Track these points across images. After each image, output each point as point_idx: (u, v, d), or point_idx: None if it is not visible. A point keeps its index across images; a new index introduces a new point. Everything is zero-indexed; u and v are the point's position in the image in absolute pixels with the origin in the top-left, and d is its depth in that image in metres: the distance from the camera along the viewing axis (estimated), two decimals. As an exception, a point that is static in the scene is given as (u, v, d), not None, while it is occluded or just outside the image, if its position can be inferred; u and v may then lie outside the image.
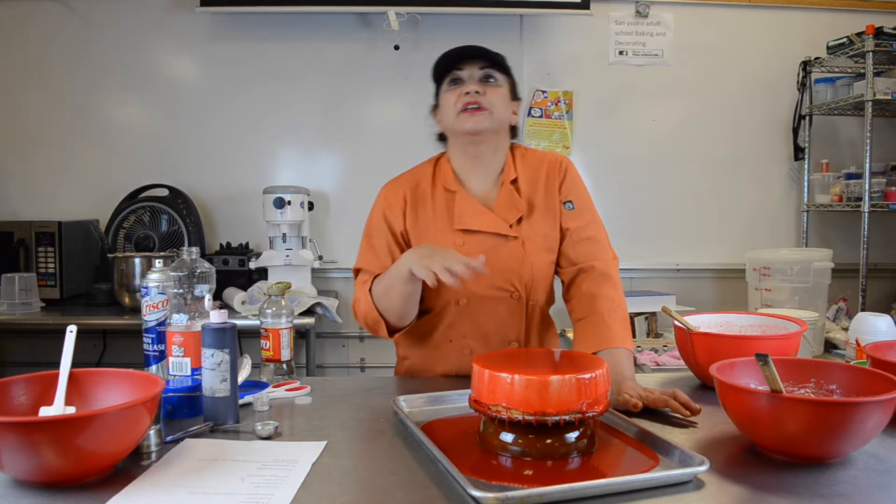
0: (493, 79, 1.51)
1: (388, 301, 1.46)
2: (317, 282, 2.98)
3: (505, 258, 1.50)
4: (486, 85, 1.49)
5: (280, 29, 3.09)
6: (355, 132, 3.15)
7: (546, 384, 1.00)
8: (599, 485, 0.90)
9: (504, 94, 1.52)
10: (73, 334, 1.10)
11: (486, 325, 1.53)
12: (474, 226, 1.51)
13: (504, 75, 1.53)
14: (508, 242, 1.51)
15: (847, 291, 3.00)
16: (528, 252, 1.52)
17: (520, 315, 1.54)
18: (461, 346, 1.55)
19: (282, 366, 1.49)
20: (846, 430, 0.96)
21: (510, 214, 1.52)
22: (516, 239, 1.52)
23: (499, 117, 1.50)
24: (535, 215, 1.55)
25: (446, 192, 1.56)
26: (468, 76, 1.50)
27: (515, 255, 1.51)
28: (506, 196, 1.54)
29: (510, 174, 1.56)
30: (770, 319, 1.55)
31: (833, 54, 2.97)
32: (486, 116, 1.47)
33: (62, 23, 3.04)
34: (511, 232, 1.51)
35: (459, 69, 1.50)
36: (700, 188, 3.23)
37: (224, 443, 1.09)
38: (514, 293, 1.52)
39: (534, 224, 1.54)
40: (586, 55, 3.15)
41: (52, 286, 2.72)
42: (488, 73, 1.50)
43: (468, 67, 1.50)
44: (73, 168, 3.09)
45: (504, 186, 1.55)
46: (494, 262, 1.44)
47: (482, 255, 1.30)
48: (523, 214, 1.53)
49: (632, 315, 2.69)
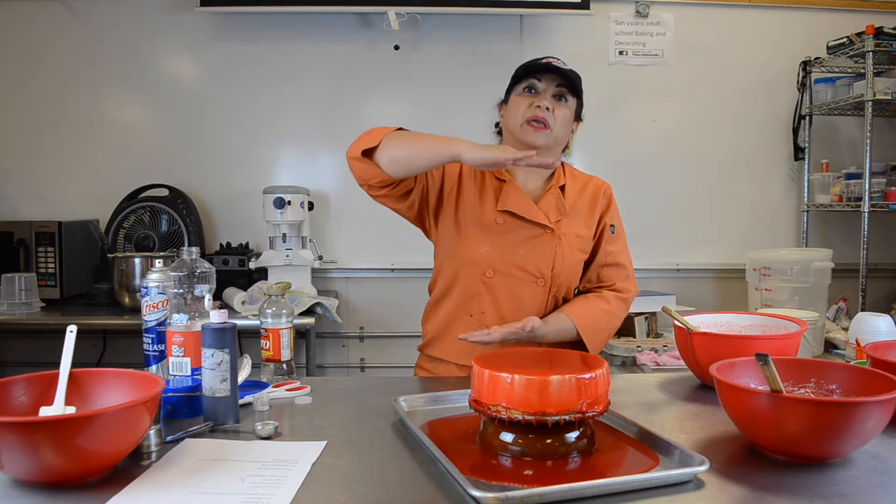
0: (564, 98, 1.58)
1: (401, 146, 1.45)
2: (317, 282, 2.98)
3: (539, 246, 1.57)
4: (557, 103, 1.56)
5: (280, 29, 3.09)
6: (355, 132, 3.07)
7: (546, 384, 1.00)
8: (599, 485, 0.90)
9: (569, 115, 1.60)
10: (73, 334, 1.10)
11: (505, 305, 1.57)
12: (517, 209, 1.57)
13: (574, 97, 1.60)
14: (545, 233, 1.58)
15: (847, 291, 3.00)
16: (563, 245, 1.59)
17: (541, 302, 1.59)
18: (478, 323, 1.57)
19: (282, 366, 1.49)
20: (846, 430, 0.96)
21: (552, 213, 1.60)
22: (553, 232, 1.58)
23: (557, 135, 1.57)
24: (574, 220, 1.63)
25: (497, 180, 1.62)
26: (543, 89, 1.57)
27: (549, 245, 1.58)
28: (553, 197, 1.62)
29: (560, 180, 1.65)
30: (770, 319, 1.55)
31: (833, 54, 2.97)
32: (547, 134, 1.56)
33: (62, 23, 3.05)
34: (550, 224, 1.58)
35: (538, 79, 1.57)
36: (700, 188, 3.23)
37: (224, 443, 1.09)
38: (540, 279, 1.58)
39: (572, 224, 1.62)
40: (586, 55, 3.15)
41: (52, 286, 2.72)
42: (562, 91, 1.57)
43: (546, 81, 1.57)
44: (73, 168, 3.09)
45: (552, 189, 1.63)
46: (528, 247, 1.56)
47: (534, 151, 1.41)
48: (565, 217, 1.61)
49: (632, 315, 2.69)
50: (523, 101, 1.56)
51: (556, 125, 1.55)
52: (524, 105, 1.56)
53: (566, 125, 1.59)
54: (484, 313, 1.57)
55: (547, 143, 1.56)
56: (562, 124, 1.57)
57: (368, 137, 1.48)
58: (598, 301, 1.64)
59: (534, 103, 1.55)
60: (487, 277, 1.56)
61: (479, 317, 1.58)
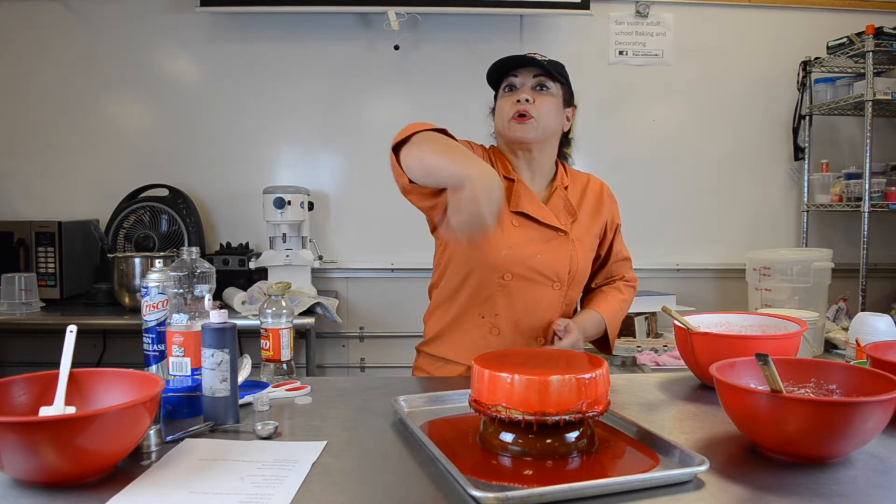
0: (545, 87, 1.56)
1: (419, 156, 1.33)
2: (317, 282, 2.98)
3: (555, 249, 1.57)
4: (538, 94, 1.55)
5: (280, 29, 3.09)
6: (355, 132, 3.15)
7: (546, 384, 1.00)
8: (599, 485, 0.90)
9: (556, 102, 1.57)
10: (73, 334, 1.10)
11: (520, 308, 1.56)
12: (531, 212, 1.56)
13: (558, 83, 1.57)
14: (559, 236, 1.58)
15: (847, 291, 3.00)
16: (577, 248, 1.59)
17: (555, 306, 1.59)
18: (491, 325, 1.56)
19: (282, 366, 1.49)
20: (846, 430, 0.96)
21: (563, 216, 1.60)
22: (567, 235, 1.58)
23: (545, 126, 1.55)
24: (583, 222, 1.63)
25: (506, 179, 1.59)
26: (521, 83, 1.56)
27: (564, 248, 1.58)
28: (560, 199, 1.61)
29: (563, 181, 1.64)
30: (770, 319, 1.55)
31: (833, 54, 2.97)
32: (532, 126, 1.53)
33: (62, 23, 3.05)
34: (563, 227, 1.58)
35: (514, 76, 1.56)
36: (700, 188, 3.23)
37: (224, 443, 1.09)
38: (556, 283, 1.57)
39: (582, 227, 1.62)
40: (586, 55, 3.15)
41: (52, 286, 2.73)
42: (541, 81, 1.56)
43: (522, 75, 1.56)
44: (73, 168, 3.09)
45: (558, 191, 1.62)
46: (545, 251, 1.55)
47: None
48: (575, 218, 1.61)
49: (632, 315, 2.69)
50: (506, 101, 1.56)
51: (542, 116, 1.53)
52: (507, 104, 1.55)
53: (554, 114, 1.56)
54: (497, 315, 1.56)
55: (536, 136, 1.54)
56: (547, 114, 1.54)
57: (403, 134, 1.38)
58: (616, 293, 1.71)
59: (514, 99, 1.54)
60: (505, 280, 1.54)
61: (491, 318, 1.56)
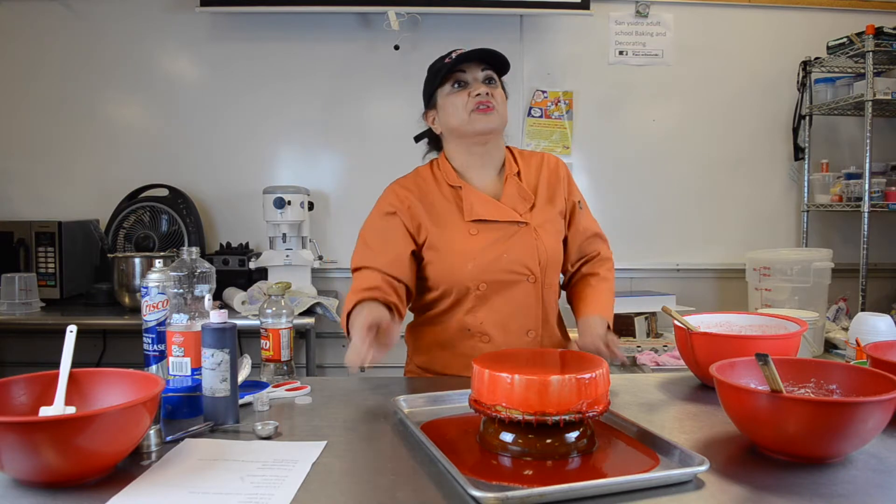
0: (493, 80, 1.58)
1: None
2: (317, 282, 2.98)
3: (519, 244, 1.55)
4: (490, 87, 1.56)
5: (280, 29, 3.09)
6: (355, 132, 3.15)
7: (546, 384, 1.00)
8: (599, 485, 0.90)
9: (503, 94, 1.60)
10: (73, 334, 1.10)
11: (504, 312, 1.55)
12: (486, 215, 1.55)
13: (499, 75, 1.60)
14: (521, 229, 1.56)
15: (847, 291, 3.00)
16: (541, 236, 1.57)
17: (537, 299, 1.57)
18: (479, 336, 1.55)
19: (282, 366, 1.49)
20: (846, 430, 0.96)
21: (520, 205, 1.58)
22: (527, 225, 1.57)
23: (503, 115, 1.57)
24: (540, 204, 1.61)
25: (451, 188, 1.60)
26: (472, 79, 1.55)
27: (528, 240, 1.56)
28: (513, 188, 1.60)
29: (513, 168, 1.63)
30: (770, 319, 1.55)
31: (833, 54, 2.97)
32: (495, 116, 1.55)
33: (62, 23, 3.04)
34: (522, 218, 1.56)
35: (462, 71, 1.55)
36: (700, 188, 3.23)
37: (224, 443, 1.09)
38: (531, 276, 1.56)
39: (541, 212, 1.60)
40: (586, 55, 3.15)
41: (52, 286, 2.72)
42: (489, 74, 1.57)
43: (470, 70, 1.55)
44: (73, 168, 3.09)
45: (510, 179, 1.61)
46: (510, 249, 1.54)
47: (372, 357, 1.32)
48: (533, 203, 1.59)
49: (632, 315, 2.69)
50: (459, 98, 1.54)
51: (499, 106, 1.55)
52: (461, 100, 1.54)
53: (505, 104, 1.59)
54: (482, 323, 1.54)
55: (498, 125, 1.56)
56: (503, 104, 1.57)
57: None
58: (600, 283, 1.65)
59: (472, 93, 1.53)
60: (481, 290, 1.53)
61: (477, 328, 1.55)
